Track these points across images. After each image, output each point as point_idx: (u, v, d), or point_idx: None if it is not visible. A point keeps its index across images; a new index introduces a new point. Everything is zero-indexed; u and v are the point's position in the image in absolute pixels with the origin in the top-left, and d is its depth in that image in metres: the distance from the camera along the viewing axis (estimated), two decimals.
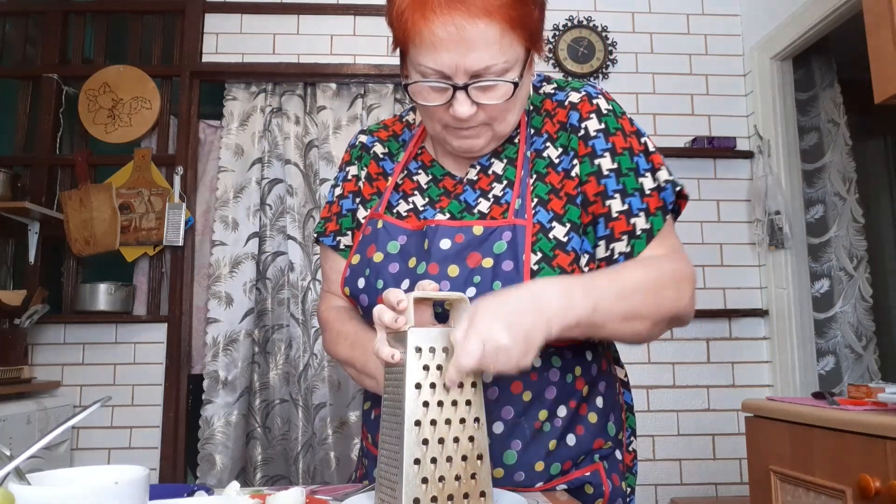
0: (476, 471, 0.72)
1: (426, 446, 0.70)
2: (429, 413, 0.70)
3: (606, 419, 0.95)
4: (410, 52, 0.86)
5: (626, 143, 0.91)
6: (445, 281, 0.87)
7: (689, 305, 0.88)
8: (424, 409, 0.70)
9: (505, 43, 0.82)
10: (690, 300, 0.88)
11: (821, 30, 2.55)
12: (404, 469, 0.68)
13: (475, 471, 0.72)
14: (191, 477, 2.96)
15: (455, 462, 0.71)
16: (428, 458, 0.69)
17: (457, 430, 0.72)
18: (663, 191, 0.90)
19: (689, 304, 0.88)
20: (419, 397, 0.70)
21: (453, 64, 0.82)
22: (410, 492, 0.68)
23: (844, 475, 1.40)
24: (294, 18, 3.04)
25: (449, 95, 0.85)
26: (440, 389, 0.71)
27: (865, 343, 2.88)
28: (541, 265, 0.85)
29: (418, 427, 0.69)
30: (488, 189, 0.94)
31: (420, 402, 0.70)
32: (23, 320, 2.52)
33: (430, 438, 0.70)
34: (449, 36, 0.80)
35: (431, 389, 0.71)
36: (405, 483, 0.68)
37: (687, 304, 0.87)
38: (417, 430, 0.69)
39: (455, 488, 0.70)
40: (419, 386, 0.70)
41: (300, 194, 2.95)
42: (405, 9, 0.83)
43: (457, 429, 0.72)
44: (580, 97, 0.94)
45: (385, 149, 1.05)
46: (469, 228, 0.89)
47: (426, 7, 0.81)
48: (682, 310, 0.87)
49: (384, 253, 0.92)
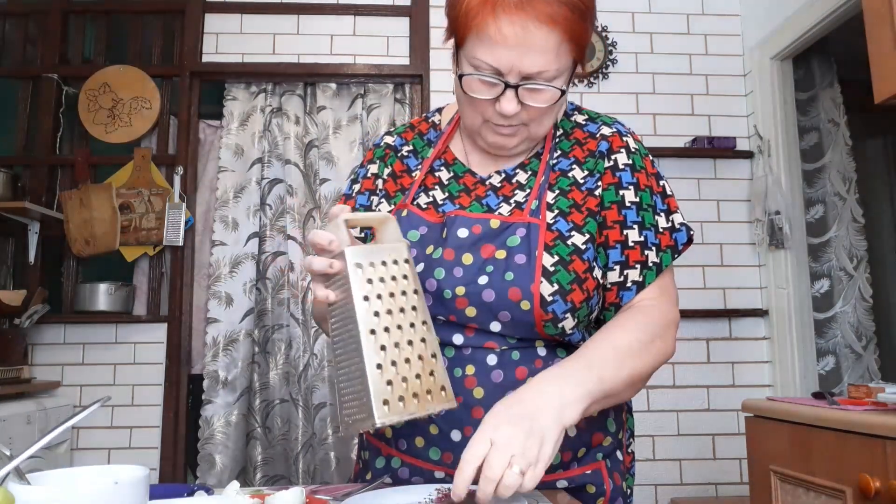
0: (433, 368, 0.77)
1: (384, 352, 0.74)
2: (381, 322, 0.75)
3: (606, 415, 0.96)
4: (468, 45, 0.89)
5: (648, 182, 0.97)
6: (459, 267, 0.90)
7: (673, 349, 0.94)
8: (376, 318, 0.75)
9: (561, 52, 0.87)
10: (674, 344, 0.94)
11: (821, 30, 2.55)
12: (369, 375, 0.72)
13: (432, 368, 0.77)
14: (191, 477, 2.96)
15: (413, 362, 0.76)
16: (388, 361, 0.74)
17: (409, 334, 0.76)
18: (677, 231, 0.97)
19: (673, 348, 0.94)
20: (370, 308, 0.74)
21: (510, 63, 0.86)
22: (378, 395, 0.72)
23: (844, 475, 1.40)
24: (294, 18, 3.04)
25: (498, 91, 0.89)
26: (387, 299, 0.76)
27: (865, 343, 2.88)
28: (557, 267, 0.89)
29: (374, 335, 0.74)
30: (510, 195, 0.97)
31: (371, 313, 0.74)
32: (23, 320, 2.52)
33: (387, 344, 0.74)
34: (513, 35, 0.84)
35: (378, 300, 0.75)
36: (372, 387, 0.71)
37: (671, 350, 0.94)
38: (374, 338, 0.74)
39: (417, 386, 0.75)
40: (367, 298, 0.74)
41: (300, 194, 2.95)
42: (476, 3, 0.86)
43: (408, 332, 0.76)
44: (612, 132, 1.00)
45: (411, 147, 1.09)
46: (487, 221, 0.93)
47: (497, 5, 0.85)
48: (668, 356, 0.93)
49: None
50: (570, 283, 0.88)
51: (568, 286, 0.88)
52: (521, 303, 0.86)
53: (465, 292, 0.88)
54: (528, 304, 0.86)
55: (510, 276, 0.87)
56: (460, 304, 0.89)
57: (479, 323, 0.89)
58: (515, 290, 0.86)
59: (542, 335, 0.89)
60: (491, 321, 0.89)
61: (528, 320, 0.87)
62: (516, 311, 0.87)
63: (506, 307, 0.87)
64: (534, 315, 0.86)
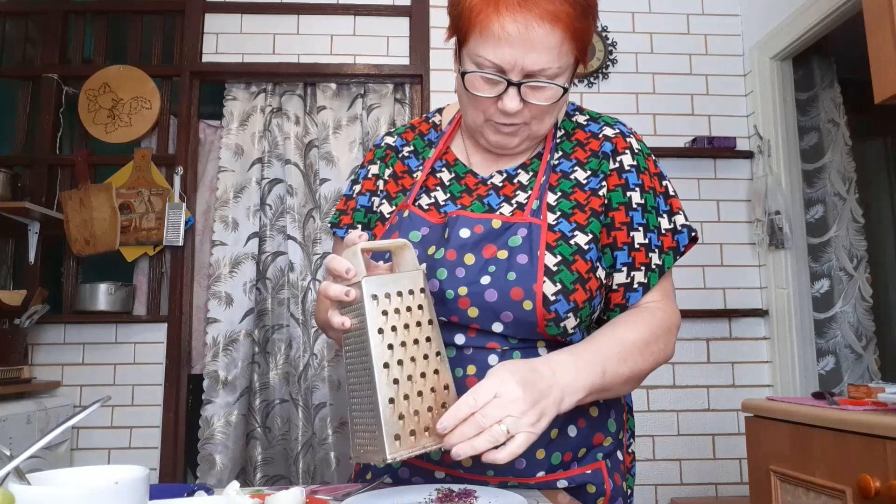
0: (445, 400, 0.77)
1: (397, 385, 0.74)
2: (395, 354, 0.75)
3: (607, 415, 0.97)
4: (471, 43, 0.89)
5: (652, 183, 0.98)
6: (461, 268, 0.90)
7: (672, 352, 0.96)
8: (390, 351, 0.74)
9: (563, 50, 0.87)
10: (674, 346, 0.96)
11: (821, 30, 2.55)
12: (381, 410, 0.72)
13: (445, 400, 0.77)
14: (191, 477, 2.96)
15: (425, 395, 0.76)
16: (400, 395, 0.74)
17: (422, 366, 0.77)
18: (678, 233, 0.97)
19: (673, 350, 0.96)
20: (384, 341, 0.74)
21: (513, 60, 0.86)
22: (390, 430, 0.72)
23: (844, 475, 1.40)
24: (294, 18, 3.04)
25: (500, 89, 0.89)
26: (401, 331, 0.76)
27: (865, 343, 2.88)
28: (560, 267, 0.89)
29: (387, 369, 0.74)
30: (512, 196, 0.97)
31: (385, 346, 0.74)
32: (23, 320, 2.52)
33: (400, 377, 0.74)
34: (516, 33, 0.85)
35: (393, 332, 0.75)
36: (384, 423, 0.71)
37: (671, 353, 0.96)
38: (387, 372, 0.74)
39: (429, 420, 0.75)
40: (381, 331, 0.74)
41: (300, 194, 2.95)
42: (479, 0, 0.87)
43: (422, 364, 0.77)
44: (615, 133, 1.00)
45: (411, 147, 1.09)
46: (488, 221, 0.93)
47: (500, 2, 0.85)
48: (668, 358, 0.96)
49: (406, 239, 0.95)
50: (573, 283, 0.88)
51: (571, 286, 0.88)
52: (524, 302, 0.86)
53: (467, 292, 0.88)
54: (530, 303, 0.86)
55: (512, 275, 0.87)
56: (462, 305, 0.89)
57: (481, 323, 0.89)
58: (518, 290, 0.86)
59: (545, 335, 0.89)
60: (493, 322, 0.88)
61: (531, 320, 0.87)
62: (519, 311, 0.87)
63: (508, 307, 0.87)
64: (536, 315, 0.86)
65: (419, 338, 0.77)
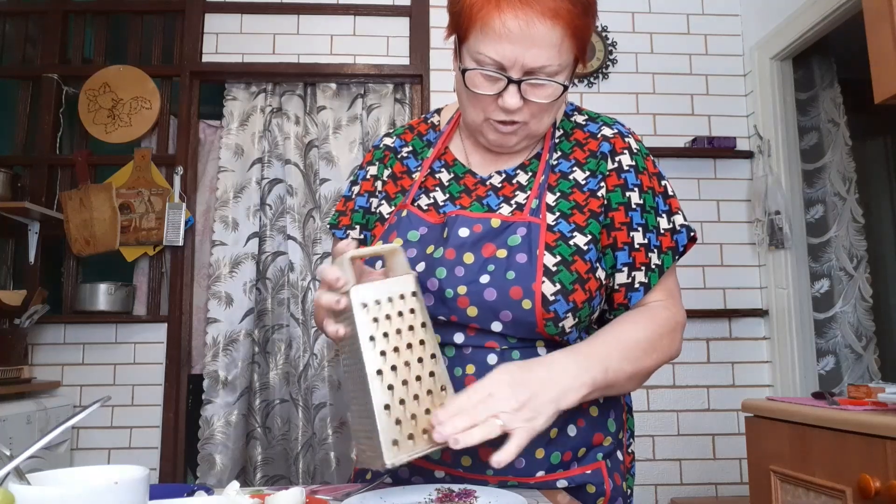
0: (443, 401, 0.77)
1: (392, 391, 0.74)
2: (388, 360, 0.75)
3: (607, 415, 0.97)
4: (471, 40, 0.89)
5: (650, 183, 0.98)
6: (460, 267, 0.90)
7: (679, 350, 0.97)
8: (383, 357, 0.74)
9: (563, 48, 0.87)
10: (680, 344, 0.97)
11: (821, 30, 2.55)
12: (377, 416, 0.72)
13: (442, 402, 0.77)
14: (191, 477, 2.96)
15: (422, 398, 0.76)
16: (396, 400, 0.74)
17: (417, 370, 0.77)
18: (677, 233, 0.97)
19: (679, 349, 0.97)
20: (375, 348, 0.74)
21: (514, 57, 0.86)
22: (388, 436, 0.72)
23: (844, 475, 1.40)
24: (294, 18, 3.04)
25: (500, 87, 0.89)
26: (393, 336, 0.76)
27: (865, 343, 2.88)
28: (559, 267, 0.89)
29: (381, 376, 0.74)
30: (511, 196, 0.97)
31: (377, 352, 0.74)
32: (23, 320, 2.52)
33: (395, 383, 0.74)
34: (517, 29, 0.85)
35: (385, 338, 0.75)
36: (381, 429, 0.72)
37: (677, 350, 0.96)
38: (381, 379, 0.74)
39: (427, 422, 0.75)
40: (373, 338, 0.74)
41: (300, 194, 2.95)
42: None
43: (416, 368, 0.77)
44: (613, 133, 1.00)
45: (410, 148, 1.09)
46: (487, 220, 0.93)
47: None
48: (673, 356, 0.96)
49: (404, 240, 0.96)
50: (573, 283, 0.89)
51: (570, 286, 0.88)
52: (523, 302, 0.86)
53: (466, 291, 0.88)
54: (529, 302, 0.86)
55: (511, 275, 0.87)
56: (462, 304, 0.89)
57: (480, 322, 0.89)
58: (517, 289, 0.87)
59: (543, 335, 0.89)
60: (492, 321, 0.89)
61: (530, 320, 0.87)
62: (518, 310, 0.87)
63: (507, 306, 0.87)
64: (535, 314, 0.86)
65: (412, 342, 0.77)
